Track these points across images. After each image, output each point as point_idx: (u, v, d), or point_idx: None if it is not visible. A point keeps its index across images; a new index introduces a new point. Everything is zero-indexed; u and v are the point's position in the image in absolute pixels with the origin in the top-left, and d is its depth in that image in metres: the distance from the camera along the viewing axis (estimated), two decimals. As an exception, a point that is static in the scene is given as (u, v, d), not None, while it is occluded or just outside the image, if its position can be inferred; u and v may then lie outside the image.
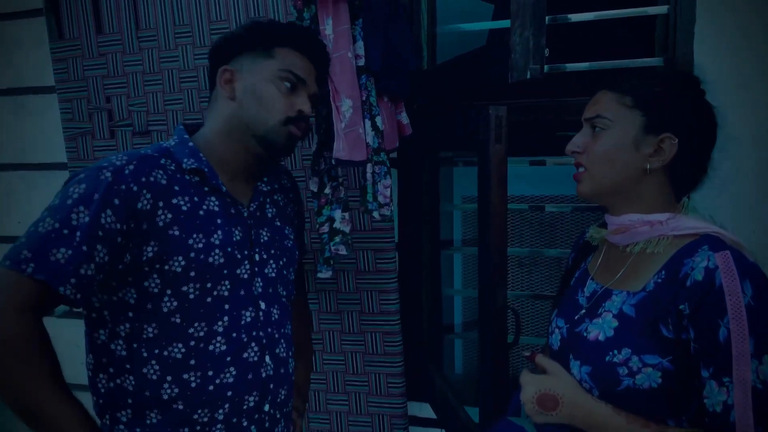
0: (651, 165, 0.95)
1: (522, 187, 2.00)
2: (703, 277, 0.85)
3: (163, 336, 1.00)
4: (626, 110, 0.96)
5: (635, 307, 0.92)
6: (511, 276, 2.06)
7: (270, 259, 1.12)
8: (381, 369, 1.68)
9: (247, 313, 1.07)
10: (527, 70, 1.20)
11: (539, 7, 1.18)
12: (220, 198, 1.07)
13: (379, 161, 1.31)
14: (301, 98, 1.08)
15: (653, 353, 0.89)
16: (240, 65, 1.08)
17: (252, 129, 1.07)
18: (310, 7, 1.20)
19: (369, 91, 1.27)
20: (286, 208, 1.23)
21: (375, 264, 1.64)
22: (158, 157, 1.04)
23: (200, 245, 1.01)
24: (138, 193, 0.97)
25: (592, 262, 1.10)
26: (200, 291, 1.01)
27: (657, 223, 0.95)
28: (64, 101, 1.76)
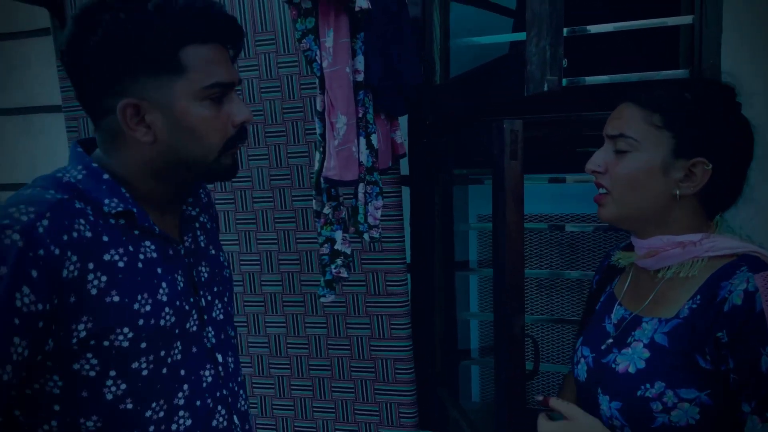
0: (681, 191, 0.88)
1: (541, 205, 1.92)
2: (742, 301, 0.78)
3: (110, 429, 0.80)
4: (654, 130, 0.88)
5: (668, 335, 0.86)
6: (530, 299, 1.98)
7: (215, 300, 0.95)
8: (392, 398, 1.60)
9: (206, 372, 0.90)
10: (544, 82, 1.13)
11: (556, 15, 1.12)
12: (155, 240, 0.85)
13: (372, 181, 1.25)
14: (234, 105, 0.85)
15: (690, 387, 0.82)
16: (142, 92, 0.79)
17: (191, 167, 0.85)
18: (306, 19, 1.15)
19: (366, 108, 1.21)
20: (213, 228, 1.04)
21: (385, 287, 1.57)
22: (71, 199, 0.77)
23: (148, 308, 0.80)
24: (61, 258, 0.73)
25: (619, 285, 1.02)
26: (154, 363, 0.82)
27: (690, 244, 0.88)
28: (71, 119, 1.74)
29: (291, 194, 1.59)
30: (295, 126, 1.55)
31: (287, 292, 1.64)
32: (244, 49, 1.57)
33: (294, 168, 1.58)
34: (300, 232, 1.60)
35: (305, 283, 1.61)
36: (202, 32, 0.80)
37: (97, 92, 0.80)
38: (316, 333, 1.63)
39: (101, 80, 0.79)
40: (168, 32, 0.77)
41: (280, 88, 1.56)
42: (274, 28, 1.54)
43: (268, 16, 1.53)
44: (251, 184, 1.63)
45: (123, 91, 0.78)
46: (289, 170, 1.58)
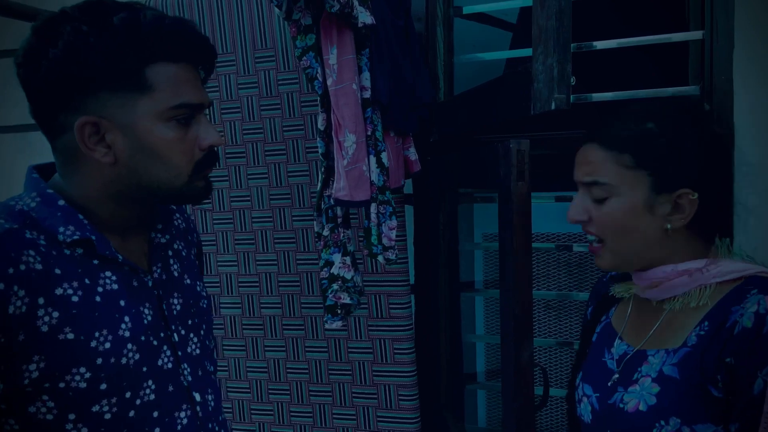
0: (672, 225, 0.84)
1: (548, 224, 1.88)
2: (753, 323, 0.76)
3: None
4: (628, 171, 0.85)
5: (678, 366, 0.82)
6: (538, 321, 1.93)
7: (189, 333, 0.88)
8: (395, 426, 1.56)
9: (182, 414, 0.83)
10: (552, 101, 1.11)
11: (564, 31, 1.09)
12: (116, 271, 0.79)
13: (384, 201, 1.22)
14: (203, 127, 0.80)
15: (705, 421, 0.79)
16: (102, 110, 0.74)
17: (158, 190, 0.80)
18: (306, 36, 1.12)
19: (375, 126, 1.19)
20: (190, 256, 0.97)
21: (388, 309, 1.53)
22: (20, 229, 0.73)
23: (107, 345, 0.74)
24: (6, 294, 0.68)
25: (617, 316, 0.98)
26: (118, 406, 0.76)
27: (696, 271, 0.84)
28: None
29: (291, 214, 1.56)
30: (296, 144, 1.52)
31: (287, 315, 1.60)
32: (244, 66, 1.54)
33: (294, 187, 1.55)
34: (300, 253, 1.57)
35: (305, 305, 1.57)
36: (172, 50, 0.75)
37: (54, 108, 0.75)
38: (317, 357, 1.58)
39: (59, 95, 0.74)
40: (134, 48, 0.73)
41: (280, 105, 1.53)
42: (274, 45, 1.51)
43: (268, 32, 1.51)
44: (250, 203, 1.59)
45: (82, 107, 0.73)
46: (289, 189, 1.55)
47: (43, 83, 0.73)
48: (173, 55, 0.75)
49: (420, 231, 1.69)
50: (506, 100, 1.27)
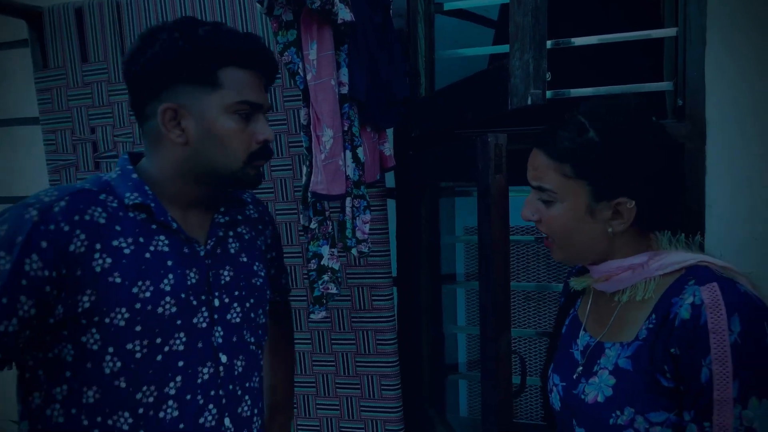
0: (614, 229, 0.87)
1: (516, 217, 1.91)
2: (690, 314, 0.79)
3: (107, 402, 0.86)
4: (568, 180, 0.88)
5: (631, 359, 0.85)
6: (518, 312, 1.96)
7: (233, 303, 0.99)
8: (378, 415, 1.57)
9: (205, 369, 0.93)
10: (528, 96, 1.12)
11: (539, 28, 1.10)
12: (171, 236, 0.93)
13: (359, 195, 1.23)
14: (259, 124, 0.95)
15: (658, 410, 0.81)
16: (181, 99, 0.91)
17: (217, 172, 0.95)
18: (287, 31, 1.13)
19: (352, 121, 1.19)
20: (255, 241, 1.09)
21: (371, 301, 1.55)
22: (97, 192, 0.89)
23: (147, 294, 0.87)
24: (69, 234, 0.83)
25: (582, 307, 1.02)
26: (148, 348, 0.87)
27: (638, 266, 0.87)
28: (48, 132, 1.70)
29: (275, 207, 1.57)
30: (279, 139, 1.53)
31: (271, 308, 1.61)
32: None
33: (277, 181, 1.56)
34: (284, 246, 1.58)
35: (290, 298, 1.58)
36: (241, 59, 0.92)
37: (146, 97, 0.92)
38: (301, 349, 1.60)
39: (150, 86, 0.91)
40: (211, 53, 0.89)
41: (263, 100, 1.54)
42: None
43: (251, 27, 1.52)
44: (234, 197, 1.60)
45: (165, 97, 0.90)
46: (272, 183, 1.56)
47: (140, 76, 0.91)
48: (241, 62, 0.92)
49: (402, 224, 1.70)
50: (486, 96, 1.29)
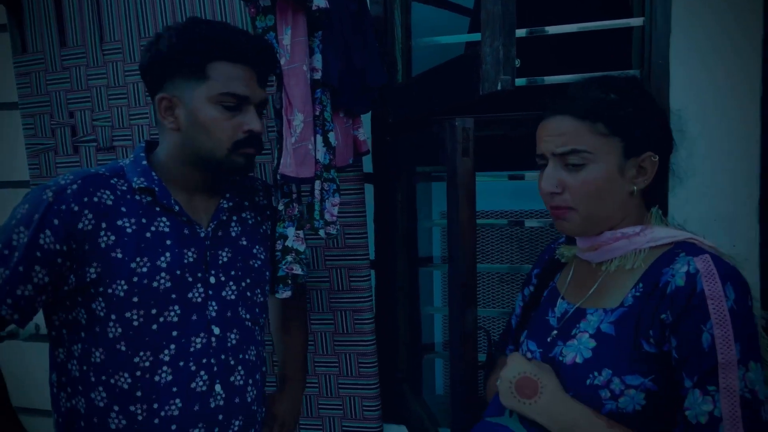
0: (638, 186, 0.91)
1: (501, 202, 1.96)
2: (685, 282, 0.82)
3: (110, 363, 0.97)
4: (604, 139, 0.90)
5: (614, 324, 0.88)
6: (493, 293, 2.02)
7: (229, 281, 1.07)
8: (356, 392, 1.62)
9: (198, 339, 1.02)
10: (498, 82, 1.16)
11: (509, 17, 1.14)
12: (173, 218, 1.03)
13: (329, 178, 1.26)
14: (248, 115, 1.02)
15: (635, 373, 0.85)
16: (176, 90, 1.01)
17: (204, 157, 1.03)
18: (266, 16, 1.15)
19: (324, 106, 1.22)
20: (259, 227, 1.18)
21: (349, 282, 1.59)
22: (109, 176, 1.01)
23: (144, 269, 0.97)
24: (79, 213, 0.94)
25: (561, 279, 1.05)
26: (144, 318, 0.98)
27: (633, 235, 0.91)
28: (27, 116, 1.71)
29: (254, 191, 1.59)
30: (258, 123, 1.56)
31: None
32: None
33: (256, 165, 1.58)
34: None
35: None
36: (230, 53, 0.99)
37: (153, 89, 1.03)
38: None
39: (154, 79, 1.02)
40: (200, 49, 0.98)
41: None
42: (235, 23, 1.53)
43: (229, 12, 1.53)
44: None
45: (166, 88, 1.01)
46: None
47: (146, 70, 1.03)
48: (230, 57, 0.99)
49: (379, 209, 1.74)
50: (459, 82, 1.33)
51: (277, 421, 1.24)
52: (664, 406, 0.84)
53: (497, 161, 1.85)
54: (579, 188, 0.91)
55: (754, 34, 1.48)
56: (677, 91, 1.53)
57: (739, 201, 1.51)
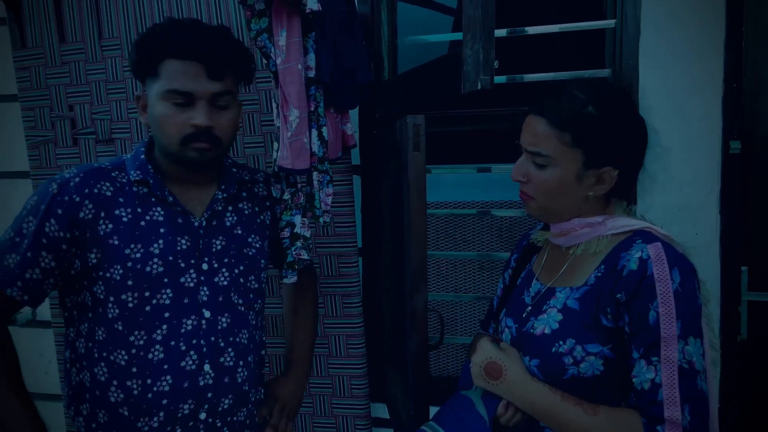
0: (594, 193, 1.00)
1: (472, 193, 2.05)
2: (637, 266, 0.91)
3: (109, 341, 1.05)
4: (567, 148, 0.98)
5: (579, 300, 0.98)
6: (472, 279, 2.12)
7: (222, 268, 1.13)
8: (344, 371, 1.71)
9: (189, 321, 1.08)
10: (478, 81, 1.22)
11: (488, 22, 1.22)
12: (167, 208, 1.10)
13: (323, 170, 1.33)
14: (195, 110, 1.05)
15: (594, 342, 0.95)
16: (146, 90, 1.09)
17: (164, 151, 1.10)
18: (260, 19, 1.23)
19: (318, 102, 1.30)
20: (256, 217, 1.23)
21: (338, 268, 1.67)
22: (110, 170, 1.10)
23: (138, 255, 1.05)
24: (80, 204, 1.02)
25: (536, 262, 1.16)
26: (139, 300, 1.05)
27: (596, 224, 1.01)
28: (27, 109, 1.76)
29: (247, 182, 1.67)
30: (251, 117, 1.63)
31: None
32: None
33: (250, 158, 1.66)
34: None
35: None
36: (177, 50, 1.04)
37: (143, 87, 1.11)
38: (273, 313, 1.72)
39: (139, 79, 1.10)
40: (151, 48, 1.05)
41: (236, 81, 1.63)
42: (230, 24, 1.61)
43: (224, 12, 1.61)
44: (209, 172, 1.70)
45: (142, 88, 1.10)
46: (245, 160, 1.66)
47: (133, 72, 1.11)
48: (178, 54, 1.04)
49: (366, 199, 1.82)
50: (441, 81, 1.41)
51: (278, 403, 1.28)
52: (620, 373, 0.94)
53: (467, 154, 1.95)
54: (538, 184, 1.01)
55: (717, 37, 1.58)
56: (645, 89, 1.62)
57: (702, 193, 1.62)
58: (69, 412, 1.10)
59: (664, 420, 0.85)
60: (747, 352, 1.66)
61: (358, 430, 1.72)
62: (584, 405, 0.93)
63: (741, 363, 1.66)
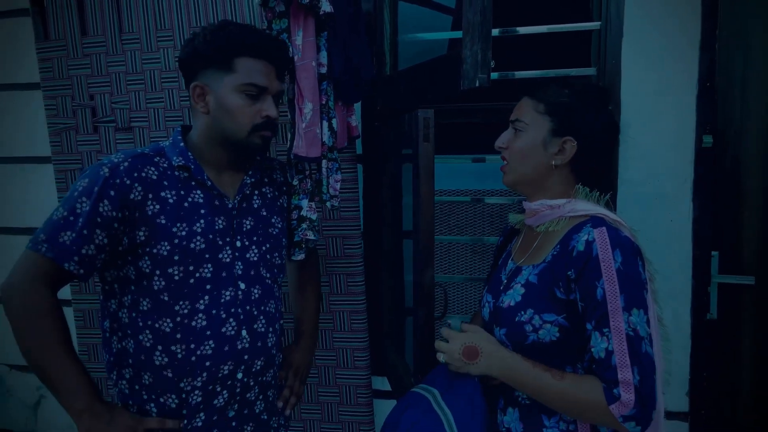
0: (555, 162, 1.14)
1: (467, 182, 2.18)
2: (584, 248, 1.03)
3: (155, 310, 1.14)
4: (539, 116, 1.15)
5: (538, 276, 1.11)
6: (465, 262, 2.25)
7: (252, 245, 1.24)
8: (348, 345, 1.84)
9: (227, 292, 1.19)
10: (476, 79, 1.31)
11: (486, 25, 1.33)
12: (206, 191, 1.19)
13: (332, 158, 1.45)
14: (266, 103, 1.18)
15: (551, 312, 1.07)
16: (207, 80, 1.17)
17: (228, 138, 1.19)
18: (280, 20, 1.34)
19: (329, 96, 1.40)
20: (277, 200, 1.34)
21: (343, 249, 1.80)
22: (153, 155, 1.18)
23: (183, 233, 1.14)
24: (130, 186, 1.11)
25: (515, 244, 1.29)
26: (184, 273, 1.14)
27: (557, 207, 1.14)
28: (49, 98, 1.86)
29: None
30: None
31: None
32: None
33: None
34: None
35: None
36: (253, 50, 1.16)
37: (188, 79, 1.21)
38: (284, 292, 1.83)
39: (190, 70, 1.19)
40: (229, 46, 1.15)
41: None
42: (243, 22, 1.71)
43: (238, 9, 1.72)
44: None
45: (199, 78, 1.18)
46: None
47: (184, 63, 1.19)
48: (253, 53, 1.16)
49: (368, 186, 1.93)
50: (442, 78, 1.51)
51: (292, 368, 1.41)
52: (575, 339, 1.06)
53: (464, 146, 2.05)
54: (514, 149, 1.17)
55: (693, 39, 1.70)
56: (627, 87, 1.74)
57: (676, 183, 1.75)
58: (111, 377, 1.20)
59: (619, 382, 0.97)
60: (717, 330, 1.80)
61: (360, 398, 1.86)
62: (552, 371, 1.05)
63: (710, 339, 1.80)
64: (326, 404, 1.88)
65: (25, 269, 1.08)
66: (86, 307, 1.96)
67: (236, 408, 1.22)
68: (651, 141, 1.75)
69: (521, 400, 1.14)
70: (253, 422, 1.26)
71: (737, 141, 1.74)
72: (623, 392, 0.97)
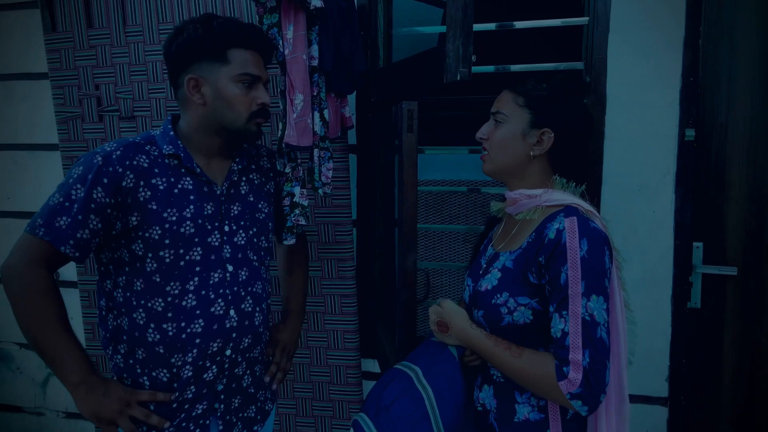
0: (534, 152, 1.19)
1: (463, 172, 2.23)
2: (554, 235, 1.09)
3: (147, 291, 1.20)
4: (519, 108, 1.19)
5: (513, 261, 1.16)
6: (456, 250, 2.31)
7: (239, 230, 1.30)
8: (338, 327, 1.91)
9: (216, 274, 1.24)
10: (458, 73, 1.35)
11: (467, 21, 1.38)
12: (195, 178, 1.24)
13: (324, 147, 1.51)
14: (259, 91, 1.25)
15: (524, 295, 1.13)
16: (201, 72, 1.21)
17: (226, 126, 1.24)
18: (271, 15, 1.40)
19: (320, 88, 1.46)
20: (264, 186, 1.39)
21: (334, 236, 1.87)
22: (144, 144, 1.22)
23: (173, 218, 1.19)
24: (122, 174, 1.16)
25: (495, 232, 1.35)
26: (174, 256, 1.20)
27: (534, 196, 1.19)
28: (57, 87, 1.94)
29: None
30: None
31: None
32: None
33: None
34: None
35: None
36: (245, 41, 1.21)
37: (178, 71, 1.23)
38: (274, 275, 1.91)
39: (181, 63, 1.22)
40: (222, 37, 1.20)
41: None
42: (242, 17, 1.78)
43: (236, 10, 1.79)
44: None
45: (190, 70, 1.21)
46: (253, 137, 1.84)
47: (173, 56, 1.22)
48: (245, 44, 1.21)
49: (361, 175, 1.99)
50: (427, 71, 1.56)
51: (279, 345, 1.48)
52: (546, 321, 1.11)
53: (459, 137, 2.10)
54: (494, 140, 1.22)
55: (677, 35, 1.75)
56: (612, 80, 1.79)
57: (659, 175, 1.80)
58: (107, 352, 1.27)
59: (570, 362, 1.03)
60: (701, 319, 1.84)
61: (350, 378, 1.93)
62: (512, 349, 1.12)
63: (693, 328, 1.85)
64: (317, 383, 1.96)
65: (24, 251, 1.14)
66: (92, 288, 2.05)
67: (225, 382, 1.28)
68: (635, 134, 1.80)
69: (496, 378, 1.20)
70: (241, 395, 1.33)
71: (723, 134, 1.78)
72: (572, 371, 1.02)
